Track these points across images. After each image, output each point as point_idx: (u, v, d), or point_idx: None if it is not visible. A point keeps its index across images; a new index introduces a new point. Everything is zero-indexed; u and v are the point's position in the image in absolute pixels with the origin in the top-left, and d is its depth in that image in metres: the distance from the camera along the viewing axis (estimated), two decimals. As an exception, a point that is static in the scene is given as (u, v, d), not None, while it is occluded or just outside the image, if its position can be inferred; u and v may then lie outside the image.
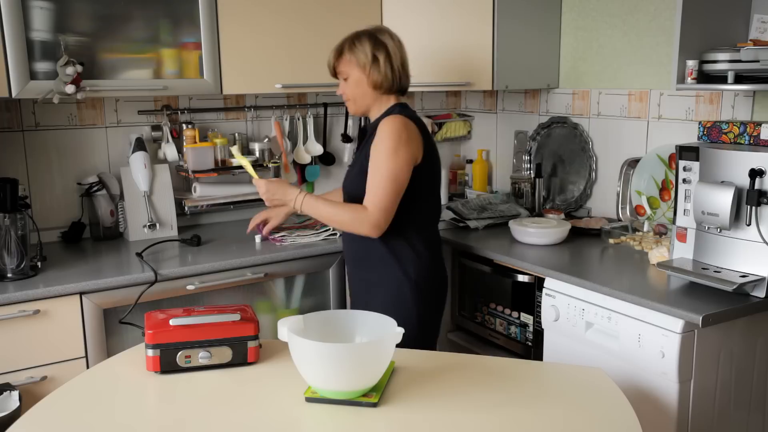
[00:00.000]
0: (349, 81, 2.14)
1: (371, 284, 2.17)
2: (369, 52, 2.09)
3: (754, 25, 2.35)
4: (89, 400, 1.51)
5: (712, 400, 2.01)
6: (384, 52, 2.10)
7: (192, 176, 2.85)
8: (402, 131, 2.02)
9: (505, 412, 1.44)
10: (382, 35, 2.12)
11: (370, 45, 2.09)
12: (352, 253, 2.23)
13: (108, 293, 2.25)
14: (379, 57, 2.09)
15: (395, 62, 2.11)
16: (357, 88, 2.13)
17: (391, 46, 2.11)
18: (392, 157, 2.00)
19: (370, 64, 2.09)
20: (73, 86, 2.25)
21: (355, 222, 2.02)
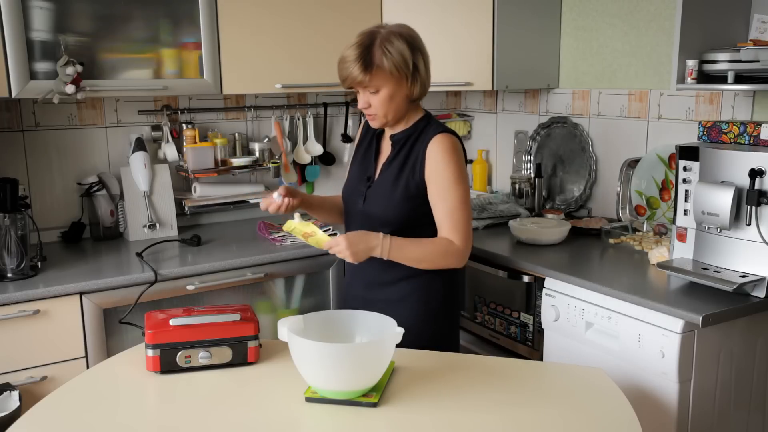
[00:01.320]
0: (381, 94, 1.83)
1: (395, 303, 1.95)
2: (410, 59, 1.80)
3: (754, 25, 2.35)
4: (89, 400, 1.51)
5: (712, 400, 2.01)
6: (422, 59, 1.84)
7: (192, 176, 2.85)
8: (459, 153, 1.88)
9: (505, 412, 1.44)
10: (411, 33, 1.85)
11: (408, 50, 1.80)
12: (369, 277, 1.99)
13: (108, 293, 2.25)
14: (419, 63, 1.83)
15: (429, 66, 1.88)
16: (390, 102, 1.84)
17: (423, 47, 1.86)
18: (459, 182, 1.85)
19: (411, 73, 1.82)
20: (73, 86, 2.25)
21: (447, 257, 1.85)
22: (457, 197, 1.85)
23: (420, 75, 1.85)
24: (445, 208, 1.86)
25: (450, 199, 1.86)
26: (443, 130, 1.90)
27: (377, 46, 1.80)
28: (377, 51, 1.79)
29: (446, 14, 2.92)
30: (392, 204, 1.91)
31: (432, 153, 1.87)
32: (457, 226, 1.85)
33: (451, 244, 1.85)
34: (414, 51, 1.82)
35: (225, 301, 2.48)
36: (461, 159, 1.89)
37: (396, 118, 1.91)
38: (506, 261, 2.48)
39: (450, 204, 1.86)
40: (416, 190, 1.89)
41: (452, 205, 1.85)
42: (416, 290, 1.96)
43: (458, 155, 1.88)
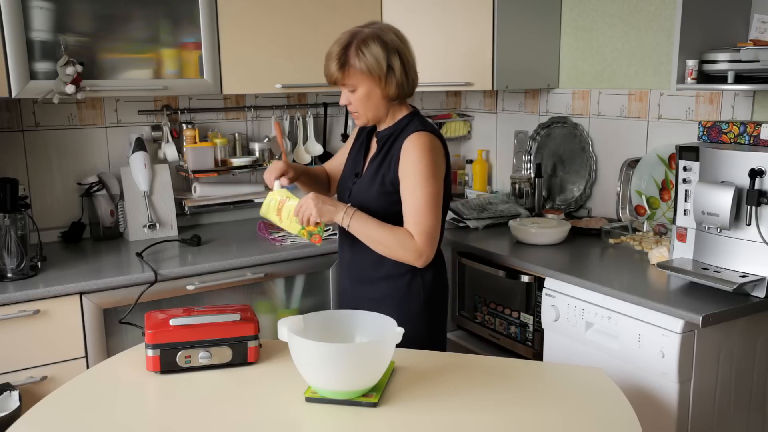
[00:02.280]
0: (358, 93, 1.88)
1: (376, 302, 1.98)
2: (383, 60, 1.83)
3: (754, 25, 2.35)
4: (89, 400, 1.51)
5: (712, 400, 2.01)
6: (398, 58, 1.86)
7: (192, 176, 2.85)
8: (436, 152, 1.86)
9: (505, 412, 1.44)
10: (389, 36, 1.86)
11: (381, 51, 1.83)
12: (357, 273, 2.04)
13: (108, 293, 2.25)
14: (394, 65, 1.85)
15: (409, 67, 1.89)
16: (368, 100, 1.89)
17: (402, 49, 1.88)
18: (430, 181, 1.84)
19: (385, 74, 1.84)
20: (73, 86, 2.25)
21: (403, 250, 1.84)
22: (424, 195, 1.84)
23: (395, 76, 1.86)
24: (412, 205, 1.85)
25: (418, 197, 1.84)
26: (422, 129, 1.89)
27: (353, 46, 1.84)
28: (352, 51, 1.84)
29: (446, 14, 2.92)
30: (371, 199, 1.93)
31: (406, 150, 1.87)
32: (419, 224, 1.84)
33: (411, 239, 1.84)
34: (389, 52, 1.85)
35: (225, 301, 2.48)
36: (436, 158, 1.87)
37: (377, 117, 1.94)
38: (506, 261, 2.48)
39: (417, 202, 1.84)
40: (391, 186, 1.91)
41: (419, 203, 1.84)
42: (397, 290, 1.97)
43: (432, 153, 1.86)
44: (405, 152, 1.87)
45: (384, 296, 1.98)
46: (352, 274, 2.06)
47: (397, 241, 1.84)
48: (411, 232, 1.85)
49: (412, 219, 1.85)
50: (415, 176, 1.85)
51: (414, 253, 1.84)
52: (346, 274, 2.09)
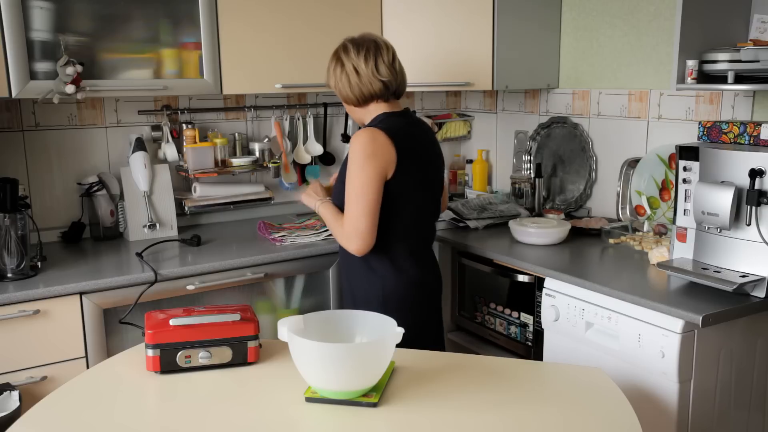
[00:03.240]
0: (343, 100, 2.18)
1: (357, 299, 2.16)
2: (336, 73, 2.11)
3: (754, 25, 2.35)
4: (89, 400, 1.51)
5: (712, 400, 2.01)
6: (341, 69, 2.09)
7: (192, 176, 2.85)
8: (367, 145, 1.97)
9: (505, 412, 1.44)
10: (342, 49, 2.10)
11: (333, 64, 2.12)
12: (343, 266, 2.23)
13: (108, 293, 2.25)
14: (341, 76, 2.10)
15: (363, 76, 2.07)
16: (347, 106, 2.18)
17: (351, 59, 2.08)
18: (358, 174, 1.98)
19: (340, 85, 2.11)
20: (73, 86, 2.25)
21: (337, 237, 2.07)
22: (351, 189, 2.00)
23: (349, 82, 2.09)
24: (346, 198, 2.02)
25: (347, 190, 2.01)
26: (371, 125, 2.06)
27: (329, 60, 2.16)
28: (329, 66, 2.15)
29: (446, 14, 2.92)
30: (339, 199, 2.10)
31: (350, 146, 2.05)
32: (347, 217, 2.01)
33: (341, 229, 2.04)
34: (336, 65, 2.11)
35: (225, 301, 2.48)
36: (364, 152, 1.97)
37: (358, 119, 2.18)
38: (506, 261, 2.48)
39: (347, 195, 2.01)
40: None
41: (347, 196, 2.01)
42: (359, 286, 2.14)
43: (364, 146, 1.98)
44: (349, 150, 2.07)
45: (354, 290, 2.17)
46: (341, 267, 2.24)
47: (336, 228, 2.06)
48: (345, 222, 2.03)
49: (345, 212, 2.03)
50: (348, 171, 2.01)
51: (344, 239, 2.03)
52: (343, 270, 2.24)
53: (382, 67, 2.07)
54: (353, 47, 2.09)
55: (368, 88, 2.08)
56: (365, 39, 2.10)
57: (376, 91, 2.09)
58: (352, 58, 2.08)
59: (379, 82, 2.07)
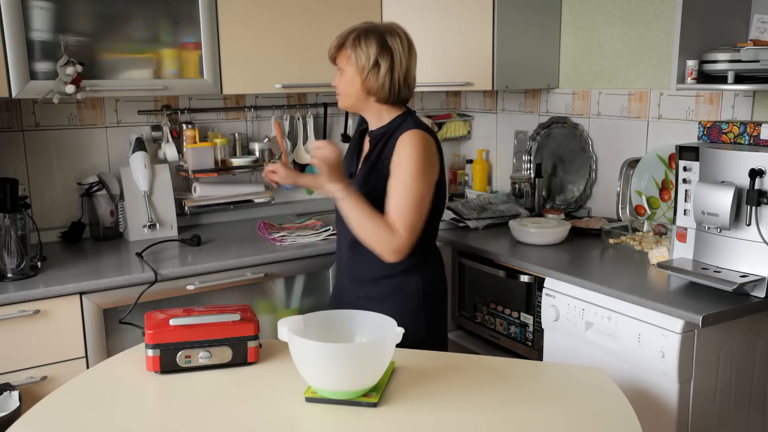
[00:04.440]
0: (344, 77, 1.97)
1: (375, 300, 1.99)
2: (372, 56, 1.90)
3: (754, 25, 2.35)
4: (89, 400, 1.51)
5: (712, 400, 2.01)
6: (389, 59, 1.91)
7: (192, 176, 2.85)
8: (428, 150, 1.88)
9: (505, 411, 1.44)
10: (393, 38, 1.92)
11: (376, 47, 1.90)
12: (355, 271, 2.05)
13: (108, 293, 2.25)
14: (382, 64, 1.91)
15: (398, 73, 1.93)
16: (350, 86, 1.97)
17: (399, 53, 1.92)
18: (420, 179, 1.86)
19: (370, 68, 1.91)
20: (73, 86, 2.25)
21: (381, 240, 1.86)
22: (413, 193, 1.86)
23: (378, 74, 1.91)
24: (400, 200, 1.86)
25: (407, 193, 1.86)
26: (416, 127, 1.92)
27: (356, 33, 1.94)
28: (352, 37, 1.93)
29: (446, 14, 2.92)
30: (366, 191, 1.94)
31: (400, 145, 1.89)
32: (404, 219, 1.85)
33: (390, 233, 1.85)
34: (382, 52, 1.91)
35: (225, 301, 2.48)
36: (429, 156, 1.89)
37: (354, 105, 2.00)
38: (506, 261, 2.48)
39: (405, 198, 1.86)
40: (385, 186, 1.91)
41: (407, 200, 1.86)
42: (395, 289, 1.99)
43: (426, 151, 1.88)
44: (399, 148, 1.90)
45: (382, 294, 1.99)
46: (350, 273, 2.07)
47: (376, 230, 1.86)
48: (396, 227, 1.86)
49: (397, 213, 1.86)
50: (406, 172, 1.87)
51: (390, 246, 1.86)
52: (345, 273, 2.10)
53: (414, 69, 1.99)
54: (400, 35, 1.94)
55: (403, 90, 1.96)
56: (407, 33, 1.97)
57: (406, 94, 1.98)
58: (401, 49, 1.93)
59: (411, 86, 1.98)
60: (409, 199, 1.86)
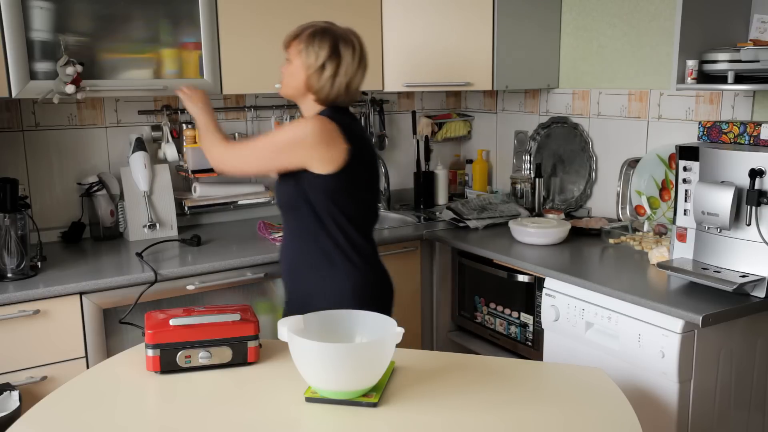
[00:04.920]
0: (290, 67, 2.01)
1: (307, 295, 2.02)
2: (321, 58, 1.94)
3: (754, 25, 2.35)
4: (89, 400, 1.51)
5: (712, 400, 2.01)
6: (335, 65, 1.95)
7: (192, 176, 2.85)
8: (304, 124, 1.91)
9: (505, 411, 1.44)
10: (346, 46, 1.97)
11: (327, 51, 1.94)
12: (287, 264, 2.09)
13: (108, 293, 2.25)
14: (327, 68, 1.95)
15: (340, 80, 1.96)
16: (292, 78, 2.00)
17: (347, 62, 1.96)
18: (275, 137, 1.95)
19: (315, 69, 1.95)
20: (73, 86, 2.25)
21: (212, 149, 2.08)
22: (264, 144, 1.97)
23: (322, 76, 1.96)
24: (250, 140, 2.02)
25: (259, 141, 1.99)
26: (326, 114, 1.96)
27: (313, 30, 1.99)
28: (308, 33, 1.98)
29: (446, 14, 2.92)
30: (277, 190, 2.06)
31: None
32: (240, 150, 2.03)
33: (221, 148, 2.06)
34: (331, 57, 1.95)
35: (225, 301, 2.48)
36: (306, 132, 1.90)
37: (292, 95, 2.05)
38: (506, 261, 2.48)
39: (255, 142, 2.00)
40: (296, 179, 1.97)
41: (255, 144, 1.99)
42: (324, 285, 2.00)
43: (307, 128, 1.91)
44: None
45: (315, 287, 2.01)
46: (283, 267, 2.11)
47: (214, 141, 2.09)
48: (232, 143, 2.07)
49: (246, 142, 2.04)
50: (281, 128, 1.99)
51: (216, 153, 2.07)
52: (282, 269, 2.13)
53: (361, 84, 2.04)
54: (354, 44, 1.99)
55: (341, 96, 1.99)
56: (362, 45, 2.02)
57: (344, 100, 2.01)
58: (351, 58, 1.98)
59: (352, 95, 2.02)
60: (258, 145, 1.99)
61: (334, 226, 1.97)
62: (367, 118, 3.33)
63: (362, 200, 2.03)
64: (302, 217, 1.99)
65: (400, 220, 3.22)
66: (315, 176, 1.93)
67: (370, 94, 3.32)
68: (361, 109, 3.33)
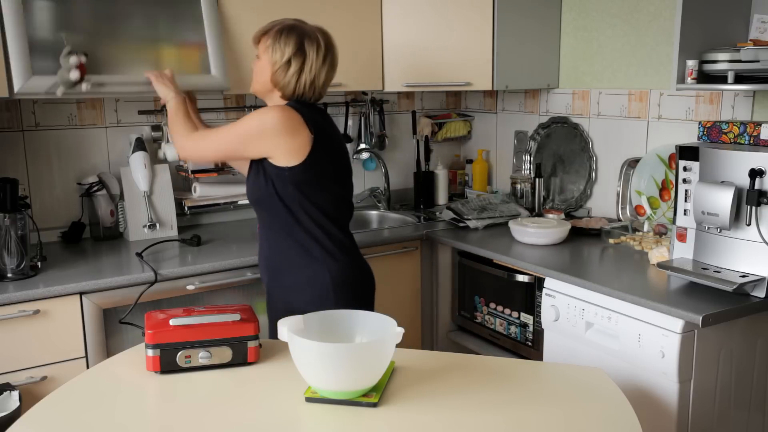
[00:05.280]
0: (258, 63, 2.05)
1: (288, 290, 2.04)
2: (286, 55, 1.97)
3: (754, 25, 2.35)
4: (89, 400, 1.51)
5: (712, 400, 2.01)
6: (300, 62, 1.98)
7: (192, 176, 2.85)
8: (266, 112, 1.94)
9: (505, 411, 1.44)
10: (311, 43, 1.99)
11: (292, 47, 1.98)
12: (265, 261, 2.10)
13: (108, 293, 2.25)
14: (293, 64, 1.98)
15: (306, 77, 1.99)
16: (260, 74, 2.05)
17: (311, 59, 1.99)
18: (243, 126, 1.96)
19: (281, 65, 1.98)
20: (77, 72, 2.20)
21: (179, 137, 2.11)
22: (232, 128, 2.00)
23: (288, 72, 1.99)
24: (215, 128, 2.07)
25: (230, 125, 2.01)
26: (289, 104, 1.99)
27: (280, 29, 2.02)
28: (275, 31, 2.02)
29: (446, 14, 2.92)
30: (246, 184, 2.07)
31: None
32: (208, 136, 2.07)
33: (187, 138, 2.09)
34: (297, 54, 1.98)
35: (225, 301, 2.48)
36: (267, 120, 1.93)
37: (260, 91, 2.08)
38: (506, 261, 2.48)
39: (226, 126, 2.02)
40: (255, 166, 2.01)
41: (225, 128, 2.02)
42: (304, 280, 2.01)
43: (268, 117, 1.93)
44: None
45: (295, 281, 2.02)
46: (262, 265, 2.13)
47: (182, 128, 2.12)
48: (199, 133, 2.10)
49: (209, 130, 2.10)
50: (243, 117, 2.01)
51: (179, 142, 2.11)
52: (261, 267, 2.14)
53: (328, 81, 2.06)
54: (319, 42, 2.01)
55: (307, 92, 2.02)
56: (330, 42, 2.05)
57: (309, 95, 2.03)
58: (315, 55, 2.00)
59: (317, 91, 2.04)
60: (220, 132, 2.03)
61: (309, 220, 1.99)
62: (367, 118, 3.33)
63: (334, 193, 2.04)
64: (276, 213, 2.00)
65: (400, 220, 3.22)
66: (281, 168, 1.95)
67: (370, 94, 3.32)
68: (361, 109, 3.33)
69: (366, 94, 3.32)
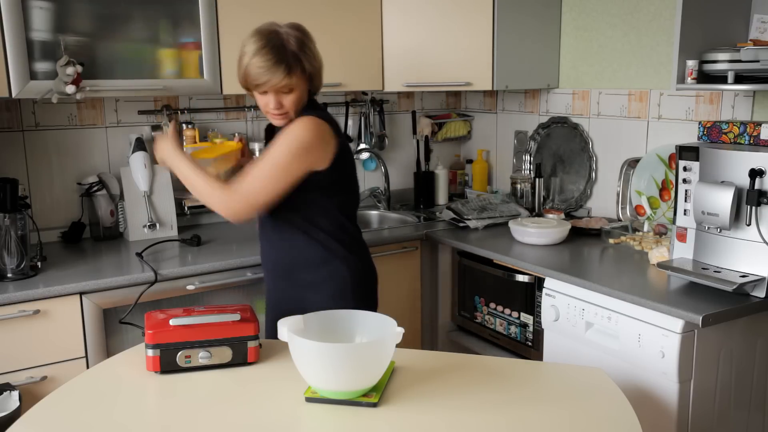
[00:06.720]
0: (294, 94, 1.89)
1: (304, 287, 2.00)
2: (319, 57, 1.92)
3: (754, 25, 2.35)
4: (89, 400, 1.51)
5: (712, 400, 2.01)
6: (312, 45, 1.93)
7: (192, 176, 2.84)
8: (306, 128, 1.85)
9: (505, 412, 1.44)
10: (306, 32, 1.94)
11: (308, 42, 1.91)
12: (279, 264, 2.03)
13: (108, 293, 2.25)
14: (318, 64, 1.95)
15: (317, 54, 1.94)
16: (300, 100, 1.92)
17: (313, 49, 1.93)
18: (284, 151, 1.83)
19: (317, 73, 1.94)
20: (73, 86, 2.24)
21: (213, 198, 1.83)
22: (270, 161, 1.82)
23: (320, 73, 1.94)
24: (255, 168, 1.83)
25: (264, 161, 1.83)
26: (311, 114, 1.89)
27: (296, 49, 1.86)
28: (298, 55, 1.86)
29: (446, 14, 2.92)
30: None
31: (286, 128, 1.89)
32: (248, 186, 1.82)
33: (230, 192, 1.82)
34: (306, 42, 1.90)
35: (225, 301, 2.48)
36: (307, 135, 1.84)
37: (297, 112, 1.93)
38: (506, 261, 2.48)
39: (260, 164, 1.83)
40: None
41: (261, 165, 1.82)
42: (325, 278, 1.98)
43: (305, 131, 1.84)
44: (286, 128, 1.89)
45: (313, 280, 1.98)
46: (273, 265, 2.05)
47: (209, 188, 1.83)
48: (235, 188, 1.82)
49: (245, 177, 1.83)
50: (277, 143, 1.84)
51: (224, 206, 1.82)
52: (269, 267, 2.08)
53: None
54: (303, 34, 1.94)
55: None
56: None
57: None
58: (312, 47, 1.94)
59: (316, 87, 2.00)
60: (264, 165, 1.82)
61: (328, 219, 1.97)
62: (367, 118, 3.33)
63: (351, 191, 2.05)
64: (294, 214, 1.95)
65: (400, 220, 3.22)
66: (313, 174, 1.91)
67: (370, 94, 3.32)
68: (361, 109, 3.33)
69: (366, 94, 3.32)
